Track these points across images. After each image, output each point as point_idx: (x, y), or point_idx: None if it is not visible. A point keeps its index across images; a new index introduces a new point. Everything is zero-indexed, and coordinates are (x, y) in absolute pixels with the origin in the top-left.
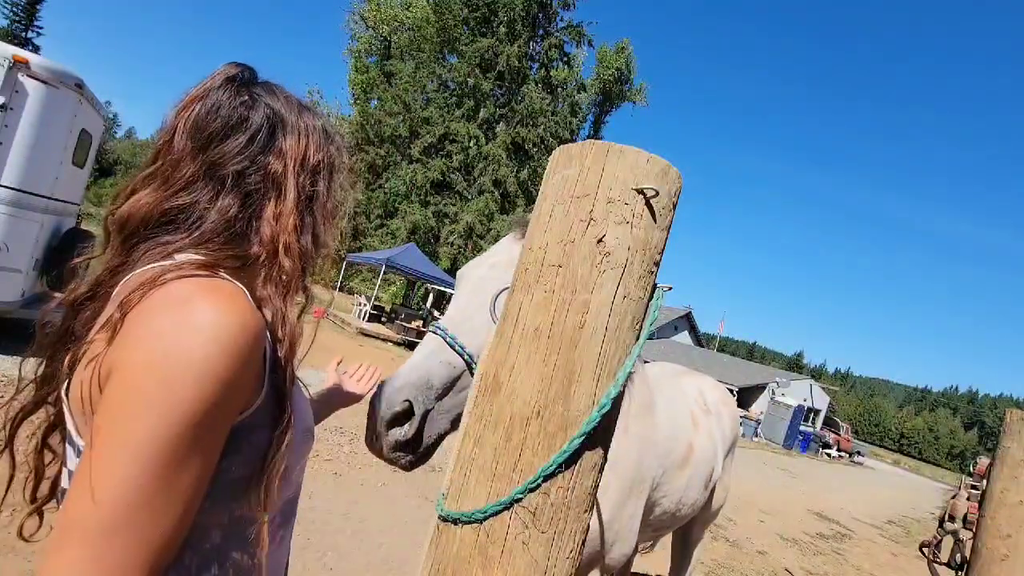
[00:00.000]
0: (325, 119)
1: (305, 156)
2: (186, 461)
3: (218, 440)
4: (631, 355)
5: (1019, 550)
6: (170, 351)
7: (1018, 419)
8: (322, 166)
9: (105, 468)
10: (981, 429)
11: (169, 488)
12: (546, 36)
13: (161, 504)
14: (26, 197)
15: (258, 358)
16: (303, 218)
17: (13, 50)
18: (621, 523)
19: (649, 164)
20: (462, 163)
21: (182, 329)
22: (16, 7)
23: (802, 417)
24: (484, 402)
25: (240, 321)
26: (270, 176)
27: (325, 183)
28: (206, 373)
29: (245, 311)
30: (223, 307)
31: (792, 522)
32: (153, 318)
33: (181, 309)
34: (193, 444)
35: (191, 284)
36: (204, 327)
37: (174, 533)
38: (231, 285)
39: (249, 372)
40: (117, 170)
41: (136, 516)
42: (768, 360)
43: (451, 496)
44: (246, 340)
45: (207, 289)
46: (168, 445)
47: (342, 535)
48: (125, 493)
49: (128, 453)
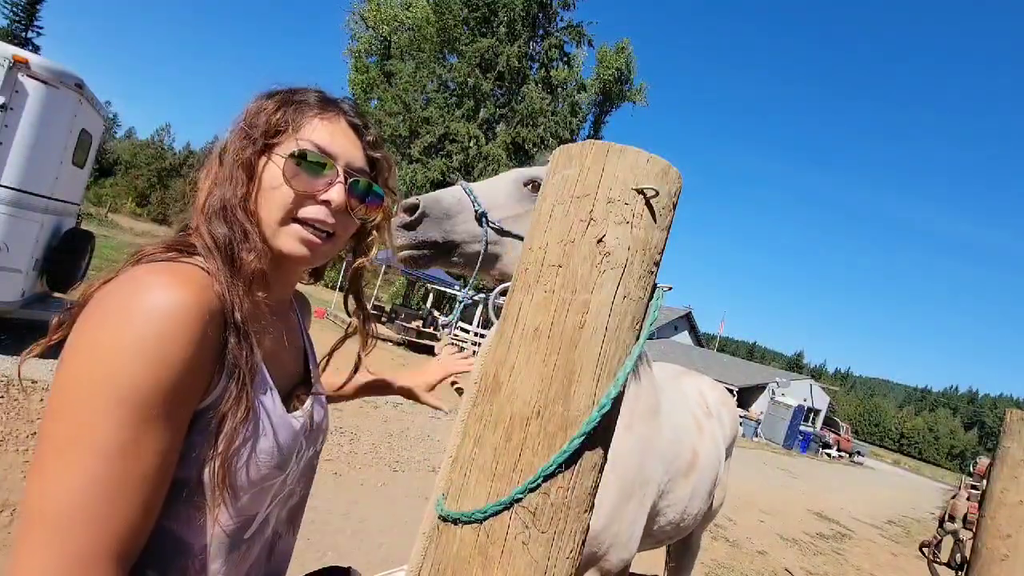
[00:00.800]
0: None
1: (230, 128)
2: (142, 442)
3: (175, 425)
4: (631, 355)
5: (1019, 550)
6: (103, 335)
7: (1018, 419)
8: (242, 124)
9: (56, 458)
10: (981, 429)
11: (127, 470)
12: (546, 36)
13: (120, 488)
14: (26, 197)
15: (209, 341)
16: (213, 187)
17: (13, 50)
18: (620, 526)
19: (649, 164)
20: (462, 163)
21: (118, 312)
22: (16, 7)
23: (802, 417)
24: (484, 402)
25: (185, 301)
26: None
27: (239, 138)
28: (146, 354)
29: (190, 292)
30: (169, 284)
31: (792, 522)
32: (102, 301)
33: (128, 290)
34: (148, 424)
35: (147, 267)
36: (144, 308)
37: (139, 519)
38: (187, 266)
39: (199, 356)
40: (117, 170)
41: (95, 502)
42: (768, 360)
43: (451, 496)
44: (187, 321)
45: (157, 271)
46: (114, 433)
47: (342, 535)
48: (81, 478)
49: (76, 442)
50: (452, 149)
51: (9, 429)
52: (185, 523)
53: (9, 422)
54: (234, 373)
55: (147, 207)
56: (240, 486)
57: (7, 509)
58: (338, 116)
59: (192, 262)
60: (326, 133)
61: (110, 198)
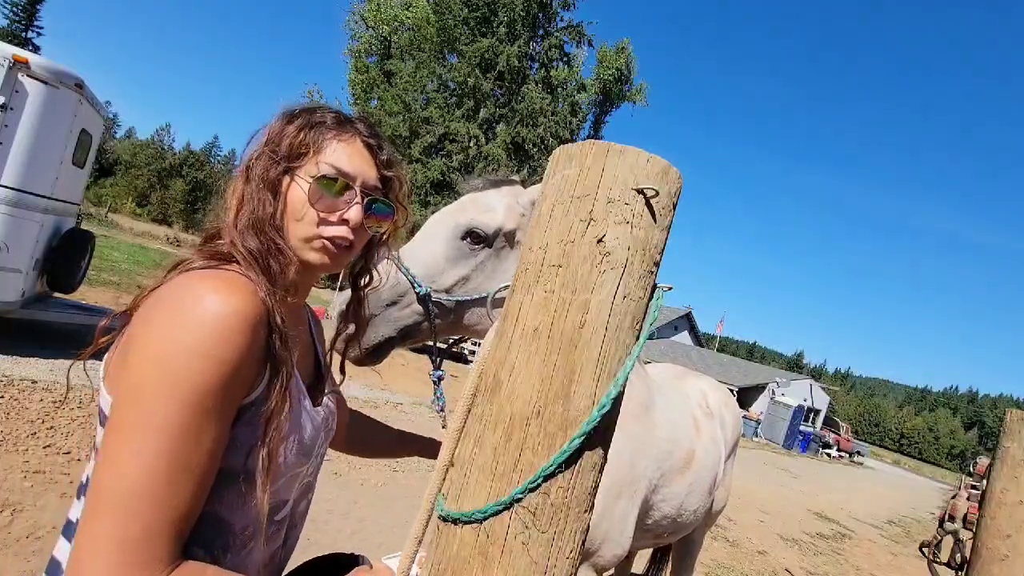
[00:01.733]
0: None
1: (255, 149)
2: (199, 434)
3: (225, 418)
4: (631, 355)
5: (1019, 550)
6: (166, 336)
7: (1018, 419)
8: (266, 146)
9: (125, 443)
10: (981, 429)
11: (186, 459)
12: (546, 36)
13: (178, 476)
14: (26, 197)
15: (257, 343)
16: (240, 204)
17: (13, 50)
18: (611, 522)
19: (649, 164)
20: (462, 163)
21: (177, 316)
22: (16, 7)
23: (802, 417)
24: (484, 402)
25: (233, 307)
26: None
27: (265, 160)
28: (205, 352)
29: (240, 298)
30: (223, 291)
31: (792, 522)
32: (164, 303)
33: (186, 295)
34: (203, 418)
35: (196, 274)
36: (201, 312)
37: (192, 503)
38: (232, 274)
39: (248, 356)
40: (117, 170)
41: (156, 487)
42: (768, 360)
43: (451, 496)
44: (239, 325)
45: (207, 277)
46: (179, 418)
47: (342, 535)
48: (145, 466)
49: (144, 429)
50: (452, 149)
51: (9, 429)
52: (228, 506)
53: (9, 422)
54: (277, 372)
55: (147, 207)
56: (279, 472)
57: (7, 509)
58: (354, 137)
59: (233, 269)
60: (344, 155)
61: (110, 198)
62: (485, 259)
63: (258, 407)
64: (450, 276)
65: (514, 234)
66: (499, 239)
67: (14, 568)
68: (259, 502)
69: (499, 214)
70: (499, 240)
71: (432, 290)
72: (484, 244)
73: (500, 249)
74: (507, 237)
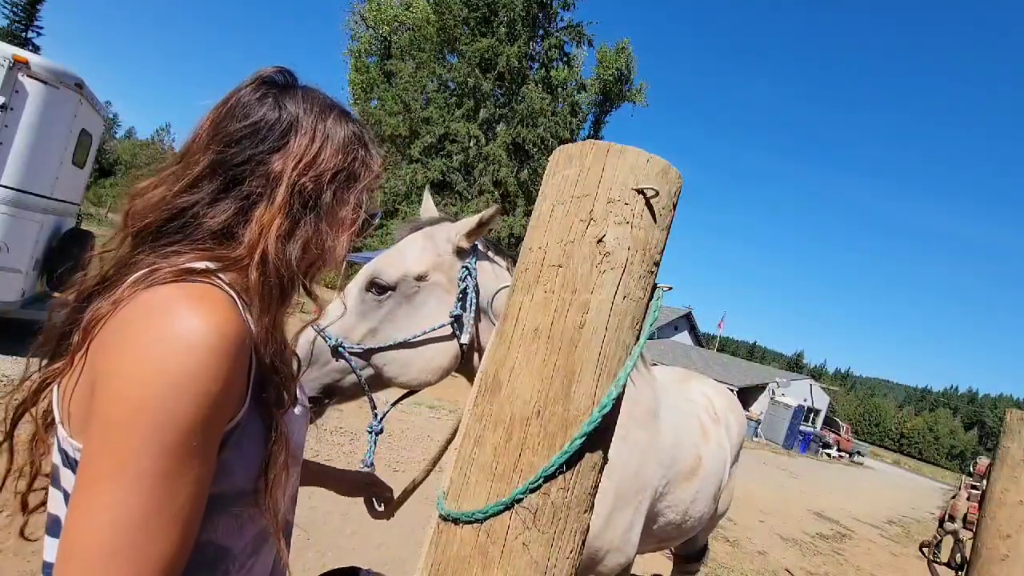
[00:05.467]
0: (359, 125)
1: (313, 159)
2: (180, 478)
3: (209, 454)
4: (631, 355)
5: (1019, 550)
6: (140, 370)
7: (1018, 419)
8: (335, 171)
9: (94, 489)
10: (981, 429)
11: (166, 507)
12: (546, 36)
13: (160, 522)
14: (26, 197)
15: (241, 369)
16: (294, 223)
17: (13, 50)
18: (615, 532)
19: (649, 164)
20: (462, 163)
21: (161, 342)
22: (16, 7)
23: (802, 417)
24: (484, 402)
25: (219, 331)
26: (270, 178)
27: (336, 190)
28: (188, 388)
29: (226, 320)
30: (203, 316)
31: (792, 522)
32: (135, 327)
33: (162, 319)
34: (184, 460)
35: (174, 290)
36: (183, 338)
37: (177, 552)
38: (216, 291)
39: (233, 384)
40: (117, 170)
41: (135, 537)
42: (768, 360)
43: (451, 496)
44: (227, 351)
45: (189, 296)
46: (159, 463)
47: (342, 535)
48: (121, 515)
49: (120, 475)
50: (452, 149)
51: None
52: (224, 531)
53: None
54: (262, 392)
55: None
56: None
57: (7, 509)
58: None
59: (211, 282)
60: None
61: (110, 198)
62: (394, 307)
63: (243, 428)
64: (361, 328)
65: (426, 276)
66: (407, 284)
67: (14, 568)
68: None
69: (405, 261)
70: (407, 286)
71: (344, 345)
72: (389, 293)
73: (411, 295)
74: (418, 280)
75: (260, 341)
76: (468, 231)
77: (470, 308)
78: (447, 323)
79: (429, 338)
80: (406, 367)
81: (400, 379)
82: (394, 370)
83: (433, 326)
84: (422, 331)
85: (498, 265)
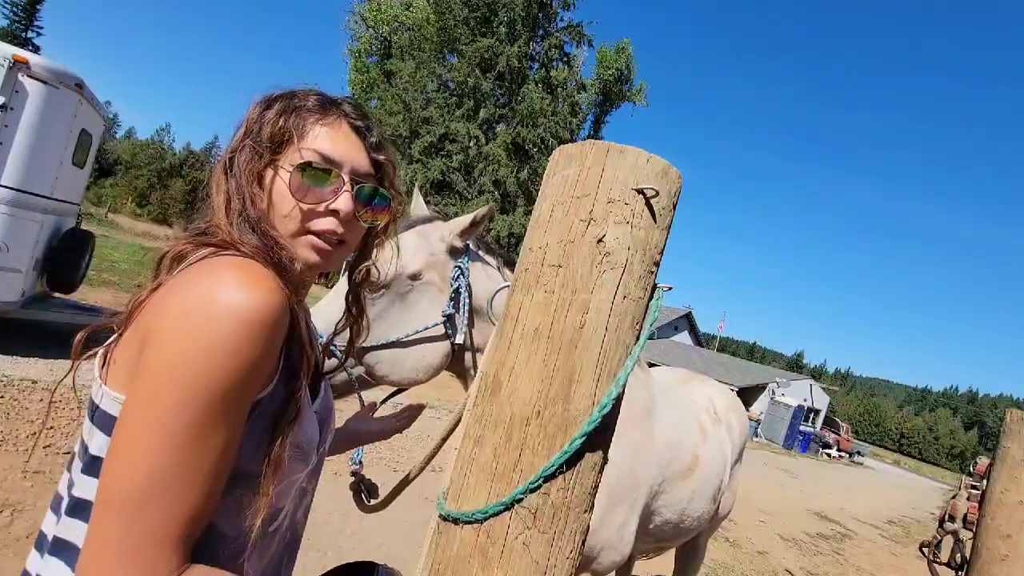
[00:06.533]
0: (288, 98)
1: (235, 140)
2: (213, 435)
3: (241, 416)
4: (632, 355)
5: (1019, 550)
6: (188, 330)
7: (1018, 419)
8: (245, 136)
9: (138, 440)
10: (981, 429)
11: (198, 460)
12: (546, 36)
13: (190, 476)
14: (26, 197)
15: (278, 340)
16: (228, 200)
17: (13, 50)
18: (609, 530)
19: (649, 164)
20: (462, 163)
21: (208, 305)
22: (16, 7)
23: (802, 417)
24: (484, 402)
25: (264, 299)
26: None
27: (247, 151)
28: (228, 350)
29: (270, 290)
30: (248, 284)
31: (792, 522)
32: (181, 295)
33: (212, 283)
34: (219, 418)
35: (220, 261)
36: (229, 304)
37: (203, 505)
38: (256, 265)
39: (271, 352)
40: (117, 170)
41: (167, 487)
42: (768, 360)
43: (451, 496)
44: (270, 319)
45: (234, 266)
46: (195, 418)
47: (342, 535)
48: (156, 464)
49: (160, 428)
50: (452, 149)
51: (9, 429)
52: (222, 514)
53: (9, 422)
54: (293, 372)
55: (147, 207)
56: (281, 476)
57: (7, 509)
58: (340, 120)
59: (252, 258)
60: (328, 140)
61: (110, 198)
62: (387, 305)
63: (265, 406)
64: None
65: (420, 275)
66: (401, 283)
67: (14, 568)
68: (259, 507)
69: (399, 259)
70: (401, 284)
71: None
72: (382, 291)
73: (404, 293)
74: (411, 279)
75: (296, 317)
76: (461, 230)
77: (463, 307)
78: (439, 322)
79: (421, 337)
80: (397, 365)
81: (391, 377)
82: (385, 368)
83: (426, 325)
84: (415, 330)
85: (489, 265)
